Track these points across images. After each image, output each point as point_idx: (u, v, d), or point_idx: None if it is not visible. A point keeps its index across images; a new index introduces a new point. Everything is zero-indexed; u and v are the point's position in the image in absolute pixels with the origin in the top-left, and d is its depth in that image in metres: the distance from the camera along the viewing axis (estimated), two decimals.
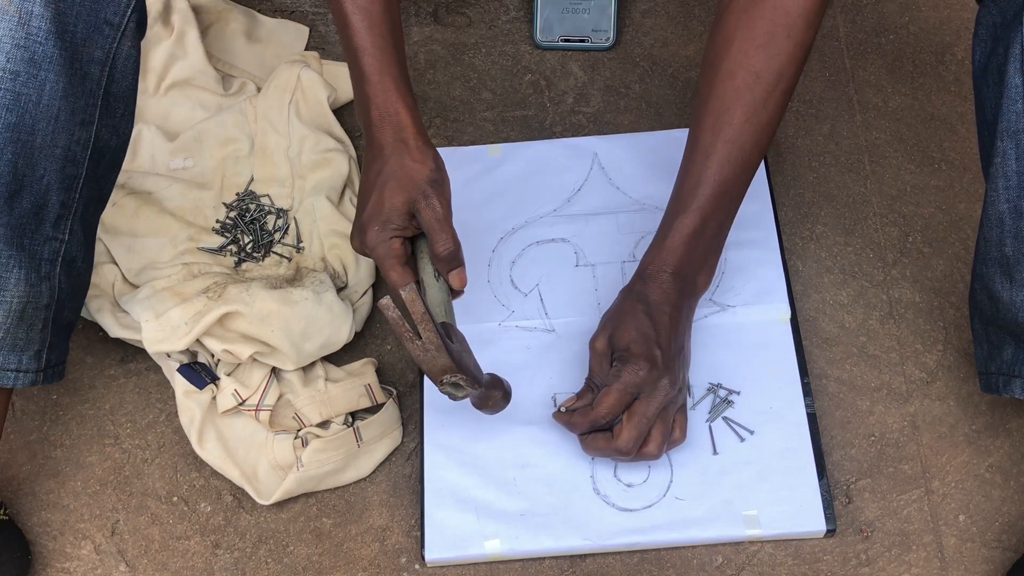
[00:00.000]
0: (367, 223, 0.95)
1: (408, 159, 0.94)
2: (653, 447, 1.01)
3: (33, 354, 0.98)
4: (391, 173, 0.94)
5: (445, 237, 0.94)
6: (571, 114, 1.30)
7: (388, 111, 0.95)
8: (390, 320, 0.88)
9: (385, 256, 0.95)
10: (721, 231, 1.02)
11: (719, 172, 0.98)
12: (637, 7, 1.36)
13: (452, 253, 0.95)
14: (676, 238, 1.01)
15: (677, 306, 1.01)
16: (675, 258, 1.01)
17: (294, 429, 1.10)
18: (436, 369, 0.92)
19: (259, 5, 1.38)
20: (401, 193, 0.94)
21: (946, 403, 1.11)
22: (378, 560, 1.08)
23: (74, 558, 1.09)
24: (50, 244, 0.96)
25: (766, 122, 0.97)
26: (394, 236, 0.95)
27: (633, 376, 0.99)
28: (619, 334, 1.01)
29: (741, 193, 1.01)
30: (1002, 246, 0.93)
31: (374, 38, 0.95)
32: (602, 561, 1.06)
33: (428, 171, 0.94)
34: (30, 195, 0.92)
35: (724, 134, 0.97)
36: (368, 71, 0.95)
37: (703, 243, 1.01)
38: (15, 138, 0.89)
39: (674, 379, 1.01)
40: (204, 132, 1.26)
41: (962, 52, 1.29)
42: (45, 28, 0.89)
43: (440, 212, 0.94)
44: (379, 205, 0.94)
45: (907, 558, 1.04)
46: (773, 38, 0.95)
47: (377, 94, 0.95)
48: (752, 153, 0.98)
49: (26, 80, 0.89)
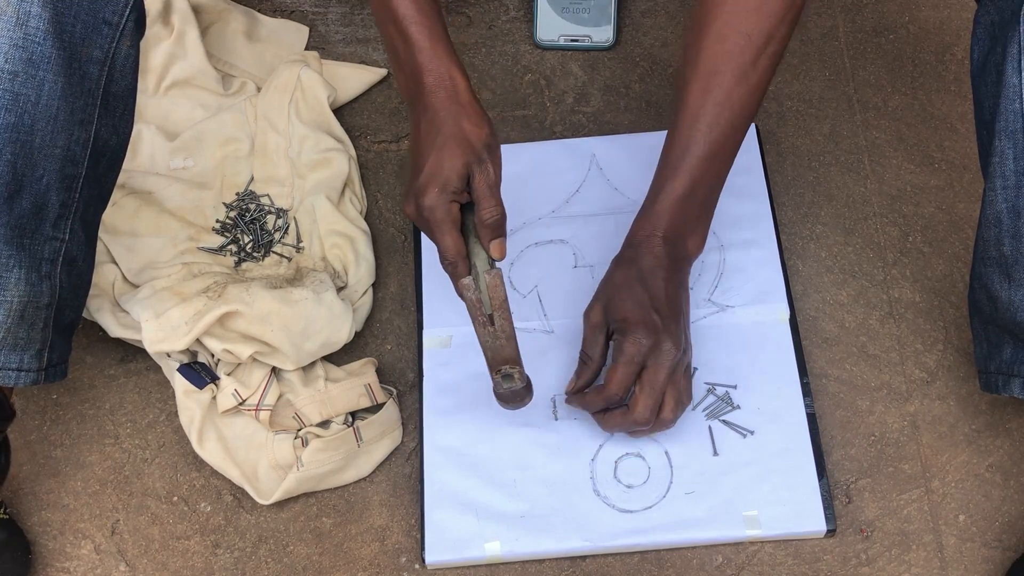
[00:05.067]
0: (425, 186, 0.93)
1: (466, 122, 0.93)
2: (668, 412, 1.01)
3: (34, 353, 0.98)
4: (449, 134, 0.93)
5: (494, 203, 0.94)
6: (571, 114, 1.30)
7: (442, 76, 0.94)
8: (469, 301, 0.89)
9: (443, 219, 0.93)
10: (711, 194, 1.01)
11: (708, 135, 0.97)
12: (637, 7, 1.36)
13: (498, 221, 0.94)
14: (665, 202, 1.00)
15: (670, 269, 1.01)
16: (665, 222, 1.01)
17: (294, 429, 1.10)
18: (499, 358, 0.94)
19: (259, 5, 1.38)
20: (460, 156, 0.92)
21: (946, 403, 1.11)
22: (378, 560, 1.08)
23: (74, 558, 1.09)
24: (50, 244, 0.96)
25: (756, 84, 0.97)
26: (453, 200, 0.93)
27: (636, 347, 0.99)
28: (614, 305, 1.01)
29: (731, 156, 1.00)
30: (1000, 246, 0.93)
31: (419, 6, 0.94)
32: (602, 562, 1.06)
33: (485, 135, 0.94)
34: (30, 195, 0.92)
35: (714, 96, 0.97)
36: (417, 39, 0.94)
37: (693, 207, 1.01)
38: (14, 138, 0.89)
39: (677, 341, 1.00)
40: (204, 132, 1.26)
41: (962, 52, 1.29)
42: (43, 28, 0.89)
43: (493, 179, 0.94)
44: (438, 167, 0.93)
45: (907, 558, 1.04)
46: (765, 1, 0.95)
47: (430, 60, 0.94)
48: (742, 115, 0.98)
49: (24, 80, 0.89)
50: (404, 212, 0.96)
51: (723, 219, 1.18)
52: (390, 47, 0.97)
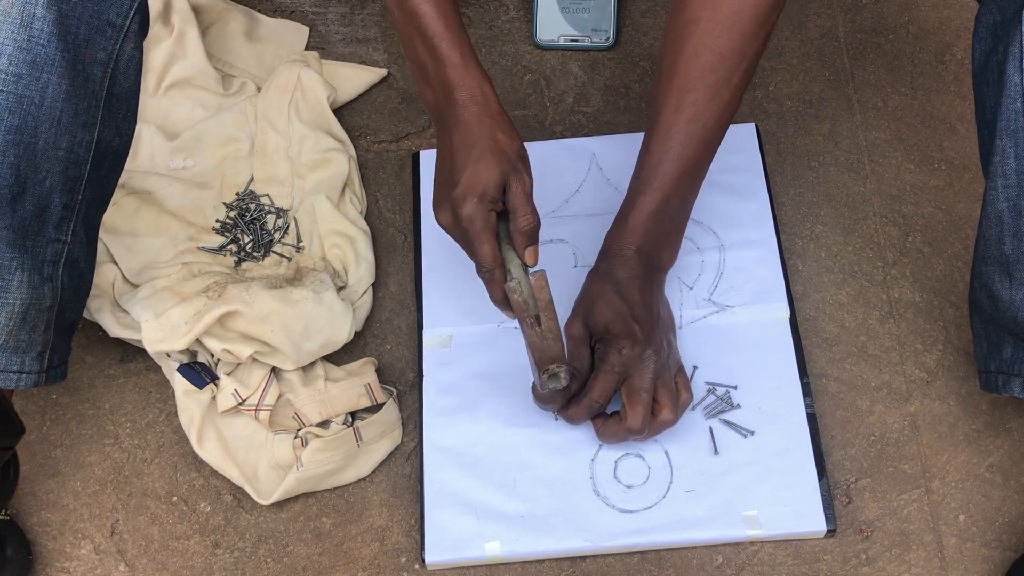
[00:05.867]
0: (464, 196, 0.94)
1: (500, 134, 0.95)
2: (667, 413, 1.03)
3: (35, 356, 0.97)
4: (485, 147, 0.95)
5: (530, 211, 0.96)
6: (571, 114, 1.30)
7: (475, 92, 0.96)
8: (516, 303, 0.92)
9: (483, 229, 0.95)
10: (683, 208, 1.04)
11: (681, 151, 0.99)
12: (637, 7, 1.36)
13: (534, 228, 0.96)
14: (638, 217, 1.02)
15: (644, 279, 1.03)
16: (637, 236, 1.03)
17: (294, 429, 1.10)
18: (547, 357, 0.96)
19: (259, 5, 1.38)
20: (497, 167, 0.94)
21: (946, 403, 1.11)
22: (378, 560, 1.08)
23: (74, 558, 1.09)
24: (53, 246, 0.96)
25: (728, 100, 0.98)
26: (491, 209, 0.95)
27: (617, 356, 1.01)
28: (593, 317, 1.03)
29: (703, 170, 1.02)
30: (1001, 245, 0.93)
31: (448, 23, 0.95)
32: (602, 562, 1.06)
33: (518, 146, 0.96)
34: (33, 197, 0.92)
35: (686, 114, 0.98)
36: (449, 56, 0.95)
37: (666, 221, 1.03)
38: (18, 140, 0.89)
39: (657, 348, 1.02)
40: (204, 132, 1.26)
41: (962, 52, 1.29)
42: (47, 30, 0.89)
43: (528, 188, 0.96)
44: (476, 178, 0.94)
45: (907, 558, 1.04)
46: (739, 19, 0.96)
47: (462, 76, 0.95)
48: (714, 131, 1.00)
49: (28, 82, 0.89)
50: (438, 223, 0.98)
51: (723, 219, 1.18)
52: (417, 62, 0.98)
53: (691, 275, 1.16)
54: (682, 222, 1.05)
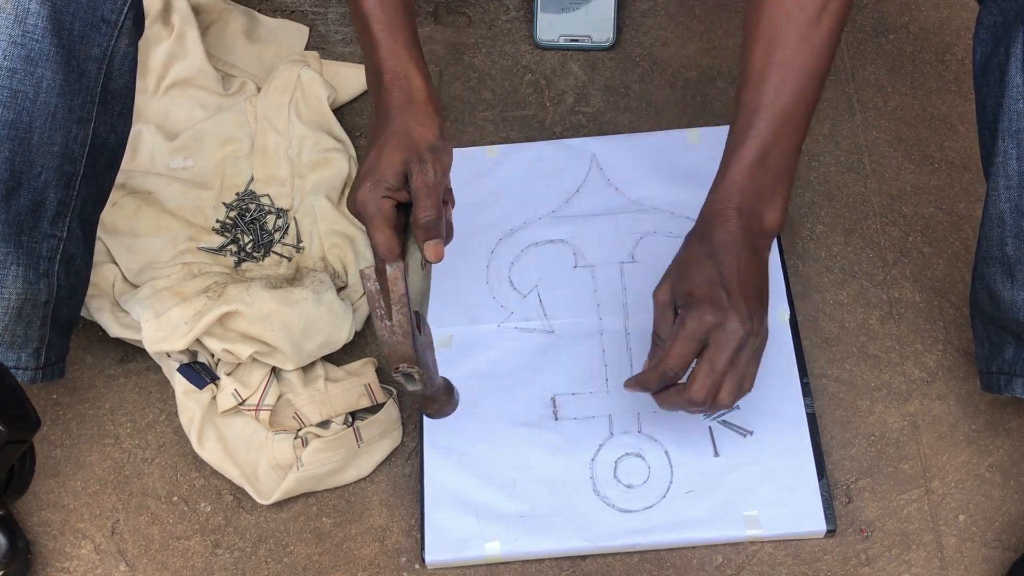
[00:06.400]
0: (360, 180, 0.92)
1: (414, 121, 0.92)
2: (724, 395, 0.93)
3: (32, 352, 0.98)
4: (393, 132, 0.92)
5: (429, 204, 0.91)
6: (571, 114, 1.30)
7: (399, 74, 0.93)
8: (367, 291, 0.84)
9: (374, 215, 0.91)
10: (785, 162, 0.94)
11: (776, 97, 0.92)
12: (637, 7, 1.36)
13: (432, 221, 0.91)
14: (735, 172, 0.94)
15: (744, 245, 0.94)
16: (737, 191, 0.94)
17: (294, 429, 1.10)
18: (396, 355, 0.88)
19: (259, 5, 1.38)
20: (399, 152, 0.91)
21: (946, 403, 1.11)
22: (378, 560, 1.08)
23: (74, 558, 1.09)
24: (48, 242, 0.96)
25: (820, 42, 0.92)
26: (386, 196, 0.91)
27: (697, 323, 0.91)
28: (681, 281, 0.95)
29: (802, 123, 0.94)
30: (1003, 245, 0.93)
31: (384, 4, 0.94)
32: (602, 561, 1.06)
33: (431, 136, 0.92)
34: (27, 192, 0.92)
35: (777, 56, 0.92)
36: (378, 36, 0.94)
37: (767, 175, 0.94)
38: (12, 135, 0.89)
39: (745, 322, 0.92)
40: (204, 132, 1.26)
41: (962, 52, 1.29)
42: (42, 25, 0.89)
43: (431, 179, 0.91)
44: (376, 162, 0.91)
45: (907, 558, 1.04)
46: None
47: (388, 58, 0.93)
48: (809, 77, 0.93)
49: (23, 77, 0.89)
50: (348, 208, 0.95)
51: None
52: (360, 43, 0.96)
53: None
54: (785, 179, 0.95)
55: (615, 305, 1.15)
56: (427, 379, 0.90)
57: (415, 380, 0.90)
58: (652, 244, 1.18)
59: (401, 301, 0.85)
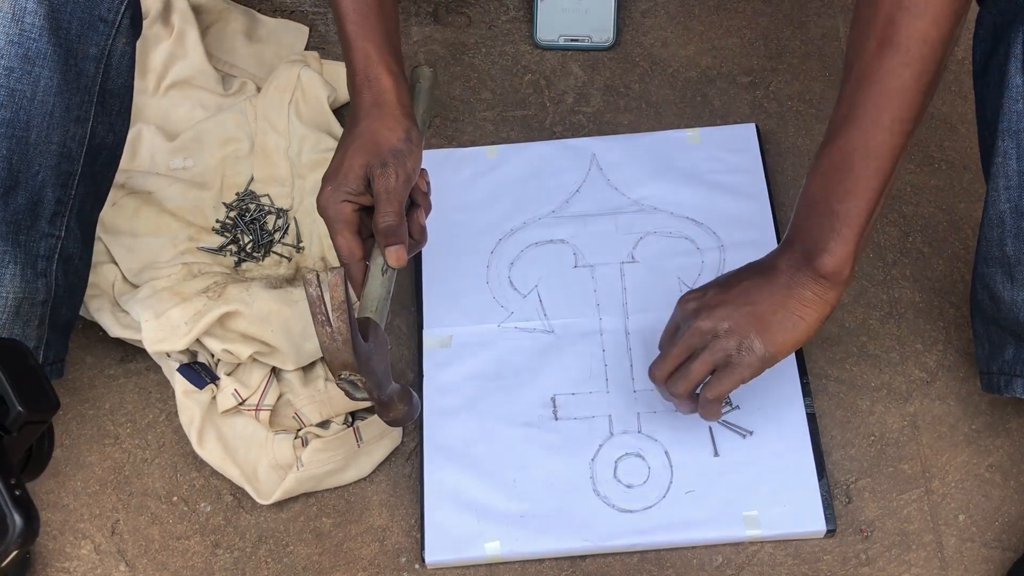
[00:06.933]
0: (323, 183, 0.92)
1: (379, 124, 0.92)
2: (675, 384, 0.93)
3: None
4: (358, 135, 0.92)
5: (389, 209, 0.91)
6: (571, 114, 1.30)
7: (368, 76, 0.93)
8: (308, 296, 0.84)
9: (334, 219, 0.92)
10: (845, 205, 0.86)
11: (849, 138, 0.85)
12: (637, 7, 1.36)
13: (391, 227, 0.91)
14: (799, 205, 0.89)
15: (776, 271, 0.90)
16: (792, 221, 0.90)
17: (294, 429, 1.10)
18: (337, 363, 0.87)
19: (259, 5, 1.38)
20: (362, 156, 0.91)
21: (946, 403, 1.11)
22: (378, 560, 1.08)
23: (74, 558, 1.09)
24: (46, 241, 0.96)
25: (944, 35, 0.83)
26: (346, 200, 0.92)
27: (679, 307, 0.94)
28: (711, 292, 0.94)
29: (879, 165, 0.86)
30: (1003, 246, 0.93)
31: (357, 5, 0.93)
32: (602, 561, 1.06)
33: (396, 140, 0.92)
34: (25, 191, 0.92)
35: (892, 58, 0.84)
36: (351, 37, 0.94)
37: (820, 211, 0.87)
38: (10, 134, 0.90)
39: (714, 325, 0.90)
40: (204, 132, 1.26)
41: (962, 52, 1.29)
42: (39, 24, 0.89)
43: (392, 184, 0.91)
44: (338, 166, 0.92)
45: (907, 558, 1.04)
46: None
47: (358, 59, 0.94)
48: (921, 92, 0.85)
49: (20, 76, 0.89)
50: None
51: (723, 219, 1.18)
52: (341, 48, 0.97)
53: (691, 275, 1.16)
54: (844, 221, 0.86)
55: (615, 305, 1.15)
56: (372, 387, 0.89)
57: (359, 387, 0.89)
58: (652, 244, 1.18)
59: (341, 307, 0.84)
